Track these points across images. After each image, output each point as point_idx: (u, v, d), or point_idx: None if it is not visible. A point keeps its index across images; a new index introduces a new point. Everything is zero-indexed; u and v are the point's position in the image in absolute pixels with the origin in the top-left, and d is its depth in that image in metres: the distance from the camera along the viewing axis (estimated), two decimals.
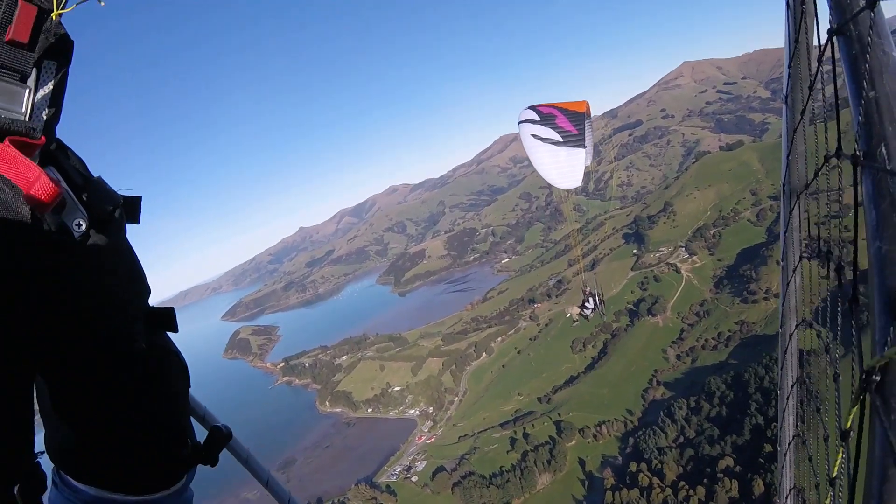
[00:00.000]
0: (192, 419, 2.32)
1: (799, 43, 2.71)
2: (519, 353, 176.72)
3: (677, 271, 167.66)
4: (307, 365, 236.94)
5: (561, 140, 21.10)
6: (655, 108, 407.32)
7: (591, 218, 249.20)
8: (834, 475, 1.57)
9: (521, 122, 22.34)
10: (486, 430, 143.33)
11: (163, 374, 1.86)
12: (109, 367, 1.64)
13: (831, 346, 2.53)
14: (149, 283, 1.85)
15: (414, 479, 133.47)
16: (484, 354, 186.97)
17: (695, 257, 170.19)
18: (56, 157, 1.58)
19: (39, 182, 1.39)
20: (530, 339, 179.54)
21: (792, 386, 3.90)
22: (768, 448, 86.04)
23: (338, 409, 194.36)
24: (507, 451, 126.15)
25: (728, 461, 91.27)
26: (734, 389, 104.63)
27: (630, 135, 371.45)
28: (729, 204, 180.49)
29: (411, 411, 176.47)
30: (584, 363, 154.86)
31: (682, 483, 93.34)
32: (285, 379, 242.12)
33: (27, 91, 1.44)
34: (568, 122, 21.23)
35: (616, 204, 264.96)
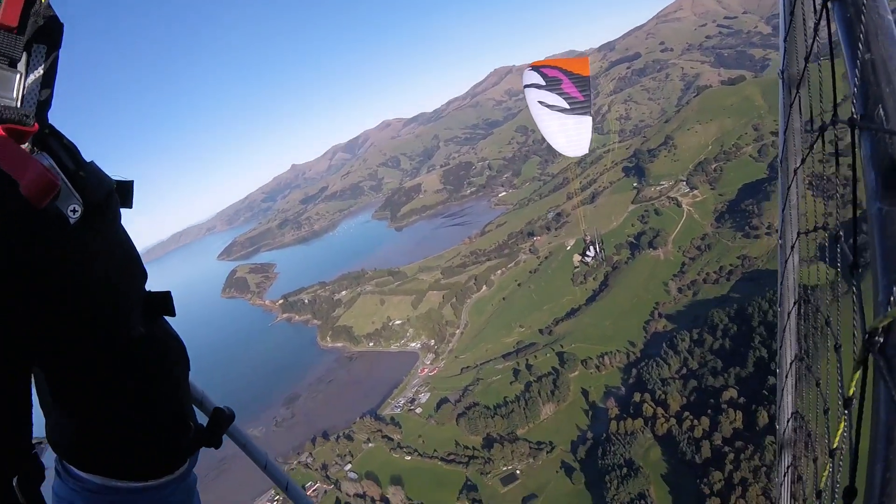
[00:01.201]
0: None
1: (794, 15, 2.73)
2: (519, 285, 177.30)
3: (678, 205, 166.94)
4: (306, 301, 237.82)
5: (568, 107, 20.92)
6: (654, 41, 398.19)
7: (590, 151, 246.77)
8: (835, 446, 1.57)
9: (526, 87, 22.04)
10: (488, 361, 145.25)
11: (162, 360, 1.83)
12: (107, 355, 1.62)
13: (832, 317, 2.51)
14: (145, 267, 1.79)
15: (418, 410, 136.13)
16: (484, 287, 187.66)
17: (696, 191, 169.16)
18: (48, 142, 1.56)
19: (36, 175, 1.35)
20: (530, 272, 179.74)
21: (791, 363, 3.85)
22: (772, 380, 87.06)
23: (339, 344, 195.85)
24: (511, 383, 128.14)
25: (732, 393, 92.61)
26: (737, 322, 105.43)
27: (628, 68, 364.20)
28: (731, 139, 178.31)
29: (413, 344, 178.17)
30: (585, 296, 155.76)
31: (687, 413, 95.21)
32: (285, 315, 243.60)
33: (18, 76, 1.43)
34: (574, 87, 21.02)
35: (614, 137, 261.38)
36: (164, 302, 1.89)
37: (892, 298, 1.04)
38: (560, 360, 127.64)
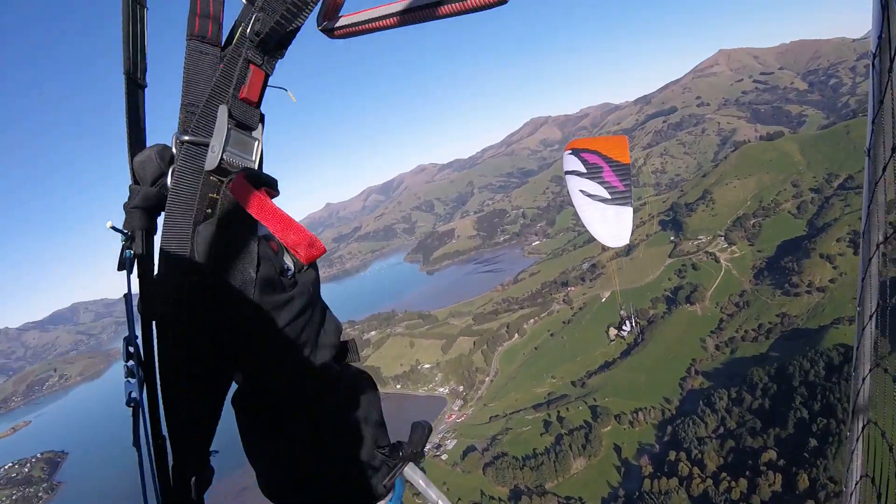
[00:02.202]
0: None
1: (884, 104, 2.82)
2: (552, 335, 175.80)
3: (716, 260, 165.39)
4: None
5: (609, 197, 21.28)
6: (690, 95, 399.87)
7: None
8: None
9: (567, 173, 22.60)
10: (518, 411, 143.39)
11: (359, 389, 2.01)
12: (314, 387, 1.82)
13: None
14: (340, 323, 2.03)
15: (444, 457, 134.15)
16: (516, 335, 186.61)
17: (734, 247, 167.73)
18: None
19: (316, 244, 1.69)
20: (564, 323, 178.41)
21: (863, 427, 3.85)
22: (814, 443, 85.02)
23: None
24: (541, 434, 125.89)
25: (771, 454, 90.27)
26: (777, 382, 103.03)
27: (664, 122, 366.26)
28: (769, 194, 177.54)
29: (441, 389, 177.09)
30: (619, 349, 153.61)
31: (724, 474, 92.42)
32: None
33: (256, 142, 1.71)
34: (615, 176, 21.44)
35: (650, 191, 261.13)
36: (351, 349, 2.09)
37: None
38: (593, 413, 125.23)
